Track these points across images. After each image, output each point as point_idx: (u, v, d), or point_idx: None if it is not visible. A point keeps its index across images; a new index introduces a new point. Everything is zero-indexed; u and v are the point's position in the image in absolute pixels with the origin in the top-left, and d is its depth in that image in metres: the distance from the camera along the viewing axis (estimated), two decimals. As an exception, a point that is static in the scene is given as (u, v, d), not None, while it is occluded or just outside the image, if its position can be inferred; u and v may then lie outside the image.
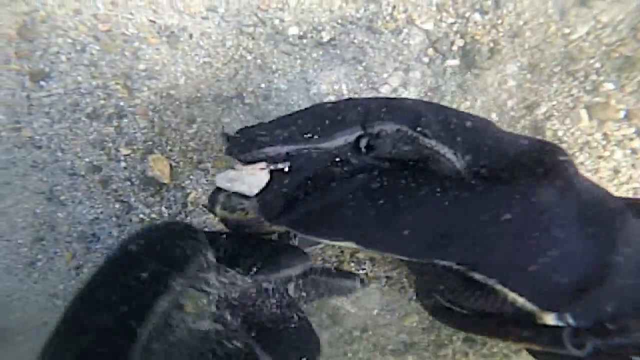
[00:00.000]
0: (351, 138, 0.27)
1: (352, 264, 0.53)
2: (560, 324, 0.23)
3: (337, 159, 0.28)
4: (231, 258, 0.29)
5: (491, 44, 0.51)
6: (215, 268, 0.27)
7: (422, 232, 0.25)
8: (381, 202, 0.26)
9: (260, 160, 0.27)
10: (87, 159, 0.52)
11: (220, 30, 0.50)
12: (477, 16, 0.50)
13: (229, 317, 0.29)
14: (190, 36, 0.49)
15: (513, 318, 0.25)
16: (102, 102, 0.50)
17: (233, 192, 0.28)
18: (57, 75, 0.50)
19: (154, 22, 0.49)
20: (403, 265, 0.32)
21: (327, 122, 0.27)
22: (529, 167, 0.26)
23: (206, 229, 0.30)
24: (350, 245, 0.27)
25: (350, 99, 0.29)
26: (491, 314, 0.26)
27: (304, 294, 0.35)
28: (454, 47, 0.52)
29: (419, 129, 0.27)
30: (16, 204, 0.55)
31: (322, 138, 0.27)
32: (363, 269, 0.53)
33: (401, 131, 0.27)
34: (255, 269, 0.29)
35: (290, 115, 0.28)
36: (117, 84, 0.49)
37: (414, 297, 0.53)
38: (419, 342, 0.54)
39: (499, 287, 0.24)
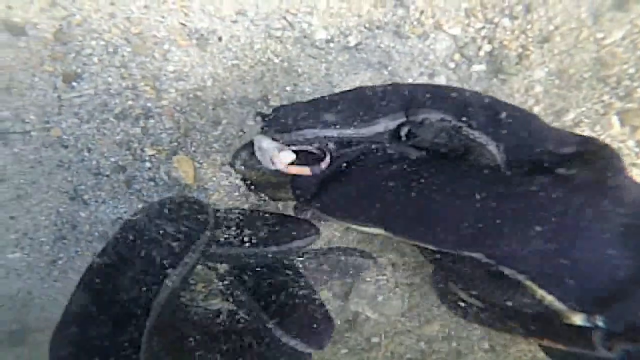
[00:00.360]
0: (393, 125, 0.26)
1: (373, 269, 0.51)
2: (588, 325, 0.23)
3: (374, 147, 0.27)
4: (240, 233, 0.29)
5: (520, 50, 0.51)
6: (225, 243, 0.27)
7: (454, 224, 0.24)
8: (415, 191, 0.25)
9: (298, 143, 0.26)
10: (112, 159, 0.53)
11: (249, 33, 0.51)
12: (506, 21, 0.50)
13: (238, 294, 0.28)
14: (220, 39, 0.50)
15: (536, 315, 0.25)
16: (130, 102, 0.51)
17: (256, 149, 0.27)
18: (88, 77, 0.51)
19: (184, 25, 0.50)
20: (420, 253, 0.32)
21: (369, 107, 0.26)
22: (573, 165, 0.25)
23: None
24: (379, 231, 0.26)
25: (394, 83, 0.27)
26: (513, 309, 0.26)
27: (315, 273, 0.35)
28: (481, 53, 0.51)
29: (464, 119, 0.26)
30: (40, 203, 0.55)
31: (363, 123, 0.26)
32: (384, 275, 0.52)
33: (445, 120, 0.26)
34: (264, 242, 0.28)
35: (331, 96, 0.27)
36: (146, 85, 0.50)
37: (437, 304, 0.51)
38: (439, 351, 0.52)
39: (528, 283, 0.24)
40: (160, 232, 0.24)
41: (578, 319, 0.23)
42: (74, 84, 0.51)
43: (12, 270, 0.55)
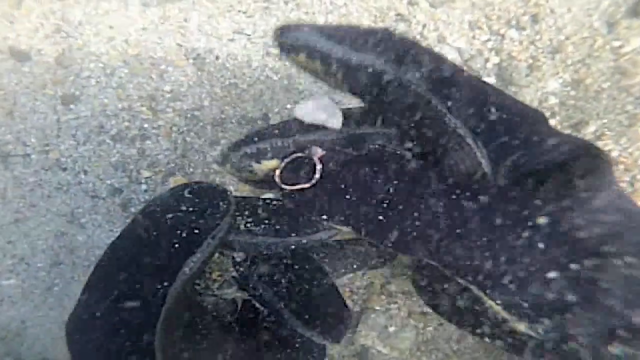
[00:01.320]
0: (379, 68, 0.25)
1: (383, 297, 0.48)
2: (532, 333, 0.24)
3: (351, 144, 0.26)
4: (261, 222, 0.28)
5: (530, 60, 0.48)
6: (245, 231, 0.27)
7: (413, 230, 0.24)
8: (382, 193, 0.25)
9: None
10: (108, 182, 0.52)
11: (246, 51, 0.50)
12: (513, 32, 0.48)
13: (254, 283, 0.28)
14: (217, 58, 0.50)
15: (494, 321, 0.26)
16: (126, 124, 0.51)
17: (245, 153, 0.27)
18: (85, 99, 0.51)
19: (181, 45, 0.50)
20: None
21: (373, 41, 0.25)
22: (561, 174, 0.24)
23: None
24: (349, 230, 0.26)
25: (410, 41, 0.26)
26: (472, 312, 0.27)
27: (333, 264, 0.35)
28: (489, 65, 0.49)
29: (449, 103, 0.24)
30: (38, 226, 0.55)
31: (356, 50, 0.25)
32: (395, 303, 0.48)
33: (422, 98, 0.24)
34: (285, 233, 0.28)
35: (355, 27, 0.27)
36: (142, 105, 0.50)
37: (455, 337, 0.47)
38: (459, 393, 0.47)
39: (480, 294, 0.24)
40: (180, 217, 0.24)
41: (522, 327, 0.24)
42: (72, 106, 0.51)
43: (6, 298, 0.54)
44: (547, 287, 0.22)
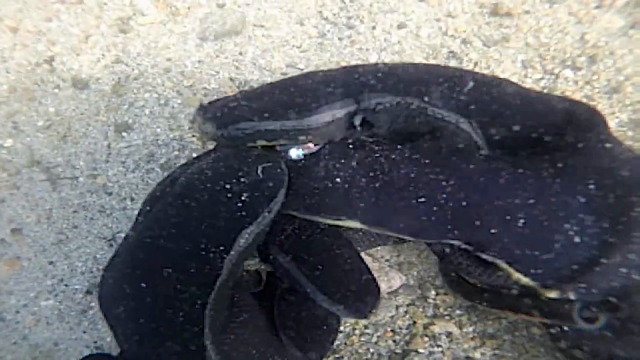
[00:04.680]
0: (341, 113, 0.24)
1: (426, 338, 0.46)
2: (565, 298, 0.24)
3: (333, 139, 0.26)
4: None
5: (584, 100, 0.48)
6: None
7: (428, 212, 0.24)
8: (382, 179, 0.24)
9: (239, 139, 0.25)
10: (154, 208, 0.54)
11: (297, 86, 0.52)
12: (568, 72, 0.49)
13: (275, 255, 0.27)
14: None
15: (522, 293, 0.25)
16: (176, 153, 0.53)
17: (207, 117, 0.26)
18: (138, 127, 0.54)
19: (233, 79, 0.53)
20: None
21: (312, 94, 0.24)
22: (559, 136, 0.24)
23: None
24: (354, 224, 0.26)
25: (343, 67, 0.26)
26: (501, 289, 0.26)
27: (360, 237, 0.34)
28: (542, 104, 0.49)
29: (426, 98, 0.24)
30: (79, 248, 0.57)
31: (306, 112, 0.24)
32: (439, 346, 0.47)
33: (402, 104, 0.24)
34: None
35: (274, 83, 0.26)
36: (193, 136, 0.53)
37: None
38: None
39: (504, 266, 0.24)
40: (234, 186, 0.23)
41: (554, 295, 0.24)
42: (124, 134, 0.54)
43: (42, 319, 0.56)
44: (573, 243, 0.22)
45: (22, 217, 0.58)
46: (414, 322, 0.47)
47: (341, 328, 0.49)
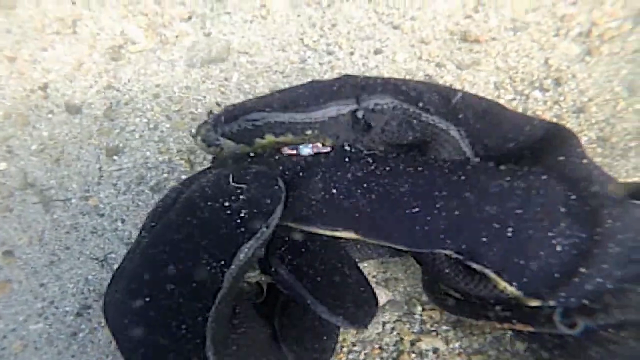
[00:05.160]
0: (344, 110, 0.26)
1: (413, 355, 0.48)
2: (547, 306, 0.25)
3: (331, 148, 0.28)
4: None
5: (554, 119, 0.51)
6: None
7: (421, 222, 0.25)
8: (380, 190, 0.26)
9: (248, 133, 0.26)
10: (144, 228, 0.55)
11: (280, 109, 0.55)
12: (537, 93, 0.52)
13: (276, 266, 0.28)
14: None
15: (506, 303, 0.27)
16: (165, 175, 0.55)
17: (213, 125, 0.28)
18: (129, 151, 0.57)
19: (219, 104, 0.55)
20: (408, 255, 0.33)
21: (320, 92, 0.27)
22: (539, 151, 0.27)
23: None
24: (350, 235, 0.27)
25: (348, 75, 0.29)
26: (487, 299, 0.28)
27: (358, 248, 0.35)
28: (514, 123, 0.52)
29: (420, 104, 0.26)
30: (71, 269, 0.58)
31: (314, 106, 0.26)
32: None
33: (399, 108, 0.26)
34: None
35: (285, 89, 0.28)
36: (181, 159, 0.55)
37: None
38: None
39: (493, 275, 0.25)
40: (231, 202, 0.24)
41: (536, 303, 0.25)
42: (116, 157, 0.57)
43: (30, 344, 0.57)
44: (553, 253, 0.24)
45: (14, 240, 0.60)
46: (401, 339, 0.48)
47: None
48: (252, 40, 0.58)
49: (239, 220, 0.24)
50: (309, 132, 0.27)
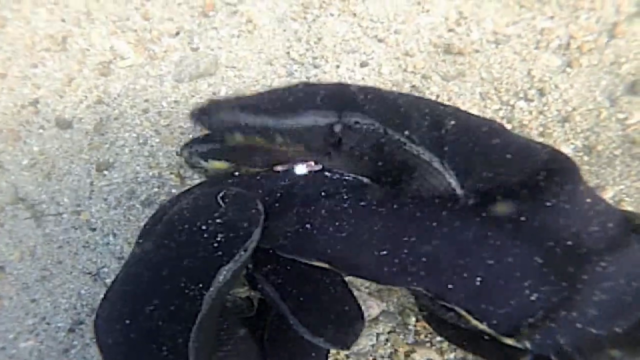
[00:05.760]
0: (322, 122, 0.25)
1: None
2: (521, 347, 0.25)
3: (309, 173, 0.28)
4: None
5: (540, 128, 0.52)
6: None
7: (389, 263, 0.25)
8: (348, 230, 0.26)
9: (218, 132, 0.26)
10: (134, 243, 0.56)
11: (268, 123, 0.56)
12: (522, 103, 0.52)
13: (261, 282, 0.28)
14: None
15: (483, 337, 0.26)
16: (155, 190, 0.56)
17: (195, 151, 0.28)
18: (119, 166, 0.57)
19: (209, 117, 0.56)
20: None
21: (300, 98, 0.26)
22: (532, 185, 0.25)
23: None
24: (324, 265, 0.27)
25: (340, 83, 0.28)
26: (469, 331, 0.27)
27: None
28: (500, 132, 0.53)
29: (406, 131, 0.25)
30: (63, 284, 0.59)
31: (289, 112, 0.25)
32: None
33: (379, 130, 0.25)
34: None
35: (273, 90, 0.27)
36: (171, 173, 0.56)
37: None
38: None
39: (463, 313, 0.25)
40: (210, 225, 0.25)
41: (511, 342, 0.25)
42: (106, 172, 0.57)
43: None
44: (528, 300, 0.23)
45: (4, 255, 0.60)
46: (395, 350, 0.49)
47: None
48: (240, 55, 0.59)
49: (215, 244, 0.24)
50: (279, 138, 0.26)
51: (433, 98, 0.57)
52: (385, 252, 0.25)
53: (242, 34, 0.59)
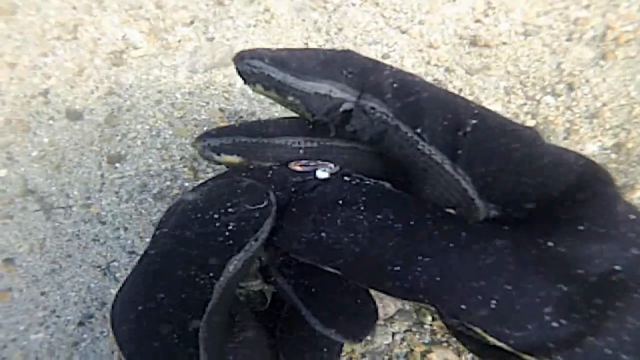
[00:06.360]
0: (337, 95, 0.25)
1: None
2: None
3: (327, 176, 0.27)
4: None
5: (567, 124, 0.51)
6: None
7: (401, 278, 0.24)
8: (362, 243, 0.25)
9: (245, 73, 0.25)
10: (147, 239, 0.55)
11: (287, 114, 0.54)
12: (549, 98, 0.51)
13: (275, 275, 0.28)
14: (259, 120, 0.54)
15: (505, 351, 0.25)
16: (168, 183, 0.55)
17: (208, 145, 0.28)
18: (131, 158, 0.56)
19: (223, 110, 0.55)
20: None
21: (327, 66, 0.25)
22: (563, 202, 0.23)
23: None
24: (336, 272, 0.26)
25: (377, 62, 0.26)
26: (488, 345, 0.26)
27: None
28: (525, 128, 0.52)
29: (418, 130, 0.24)
30: (73, 277, 0.58)
31: (309, 75, 0.24)
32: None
33: (392, 123, 0.24)
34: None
35: (306, 49, 0.27)
36: (184, 166, 0.55)
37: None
38: None
39: (479, 331, 0.24)
40: (222, 216, 0.25)
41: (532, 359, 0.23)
42: (118, 165, 0.56)
43: (31, 354, 0.57)
44: (549, 326, 0.22)
45: (14, 247, 0.60)
46: (412, 350, 0.48)
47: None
48: (256, 45, 0.58)
49: (227, 234, 0.24)
50: (290, 97, 0.26)
51: (455, 92, 0.55)
52: (398, 268, 0.25)
53: (259, 24, 0.58)
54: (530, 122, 0.53)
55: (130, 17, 0.62)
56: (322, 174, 0.28)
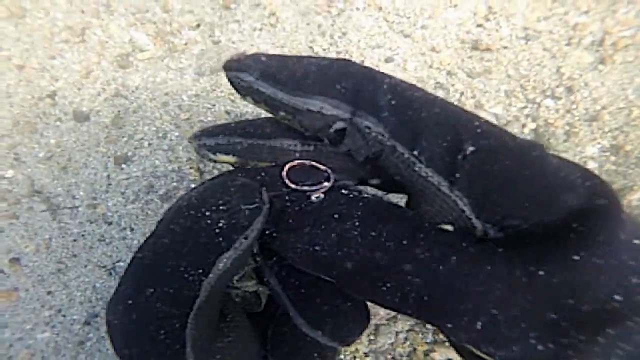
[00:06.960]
0: (329, 111, 0.24)
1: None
2: None
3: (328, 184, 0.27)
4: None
5: (566, 127, 0.52)
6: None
7: (392, 294, 0.24)
8: (356, 259, 0.25)
9: (236, 85, 0.25)
10: (152, 237, 0.56)
11: (290, 117, 0.56)
12: (549, 101, 0.52)
13: (268, 276, 0.28)
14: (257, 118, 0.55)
15: None
16: (174, 184, 0.56)
17: (204, 144, 0.28)
18: (137, 160, 0.57)
19: (229, 112, 0.56)
20: None
21: (323, 79, 0.25)
22: (568, 227, 0.22)
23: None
24: (330, 280, 0.27)
25: (375, 76, 0.25)
26: None
27: None
28: (526, 130, 0.53)
29: (416, 151, 0.23)
30: (78, 277, 0.59)
31: (302, 92, 0.24)
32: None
33: (388, 143, 0.24)
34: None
35: (308, 59, 0.26)
36: (190, 167, 0.55)
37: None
38: None
39: (472, 349, 0.24)
40: (213, 214, 0.25)
41: None
42: (124, 166, 0.57)
43: (37, 353, 0.57)
44: (535, 348, 0.22)
45: (20, 247, 0.61)
46: (414, 349, 0.49)
47: (341, 356, 0.50)
48: (262, 48, 0.59)
49: (217, 231, 0.24)
50: (282, 113, 0.26)
51: (457, 95, 0.56)
52: (389, 285, 0.25)
53: (264, 27, 0.60)
54: (531, 125, 0.54)
55: (137, 20, 0.63)
56: (317, 195, 0.28)
